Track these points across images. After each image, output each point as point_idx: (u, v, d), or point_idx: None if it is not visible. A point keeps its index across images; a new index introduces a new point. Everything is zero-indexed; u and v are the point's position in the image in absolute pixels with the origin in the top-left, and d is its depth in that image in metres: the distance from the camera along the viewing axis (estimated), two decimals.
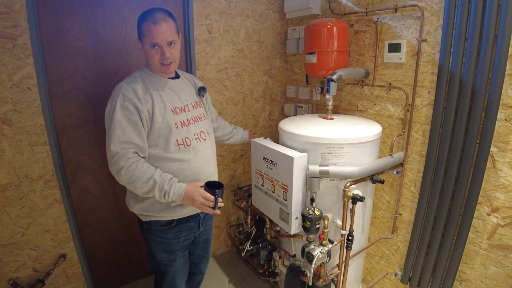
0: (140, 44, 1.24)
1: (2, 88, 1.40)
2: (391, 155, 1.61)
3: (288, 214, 1.51)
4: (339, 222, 1.51)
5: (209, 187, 1.21)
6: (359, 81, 1.83)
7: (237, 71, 2.12)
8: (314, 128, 1.53)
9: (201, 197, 1.19)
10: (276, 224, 1.81)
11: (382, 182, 1.49)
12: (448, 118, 1.39)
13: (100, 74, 1.66)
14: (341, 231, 1.49)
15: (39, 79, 1.46)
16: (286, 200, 1.50)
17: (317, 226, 1.44)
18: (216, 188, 1.20)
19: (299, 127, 1.56)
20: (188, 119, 1.30)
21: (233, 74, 2.10)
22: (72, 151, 1.67)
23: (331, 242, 1.47)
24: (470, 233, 1.44)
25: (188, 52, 1.89)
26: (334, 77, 1.58)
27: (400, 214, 1.74)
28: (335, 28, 1.63)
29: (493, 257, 1.40)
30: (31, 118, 1.49)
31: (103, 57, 1.65)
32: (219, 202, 1.21)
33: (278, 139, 1.69)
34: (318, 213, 1.44)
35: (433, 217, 1.52)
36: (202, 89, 1.45)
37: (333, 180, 1.49)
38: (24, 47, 1.41)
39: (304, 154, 1.44)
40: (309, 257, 1.41)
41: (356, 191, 1.47)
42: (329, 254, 1.45)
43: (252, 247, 2.08)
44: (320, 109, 2.14)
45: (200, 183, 1.23)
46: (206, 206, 1.20)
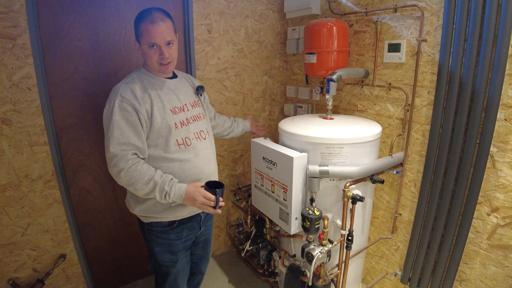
0: (138, 44, 1.22)
1: (2, 88, 1.40)
2: (391, 155, 1.61)
3: (288, 214, 1.51)
4: (339, 222, 1.51)
5: (210, 187, 1.21)
6: (359, 81, 1.83)
7: (237, 71, 2.12)
8: (314, 128, 1.53)
9: (202, 197, 1.18)
10: (276, 224, 1.81)
11: (382, 182, 1.49)
12: (448, 118, 1.39)
13: (100, 74, 1.66)
14: (341, 231, 1.49)
15: (39, 79, 1.46)
16: (286, 200, 1.50)
17: (317, 226, 1.44)
18: (217, 188, 1.20)
19: (299, 127, 1.56)
20: (188, 119, 1.30)
21: (233, 74, 2.10)
22: (72, 151, 1.67)
23: (331, 242, 1.47)
24: (470, 233, 1.44)
25: (188, 52, 1.89)
26: (334, 77, 1.58)
27: (400, 214, 1.74)
28: (335, 28, 1.63)
29: (493, 257, 1.40)
30: (31, 118, 1.49)
31: (103, 57, 1.65)
32: (220, 202, 1.20)
33: (278, 139, 1.69)
34: (318, 213, 1.44)
35: (433, 217, 1.52)
36: (200, 88, 1.44)
37: (333, 180, 1.49)
38: (24, 47, 1.41)
39: (304, 154, 1.44)
40: (309, 257, 1.41)
41: (356, 191, 1.47)
42: (329, 254, 1.46)
43: (252, 247, 2.08)
44: (320, 109, 2.14)
45: (201, 183, 1.23)
46: (207, 206, 1.20)
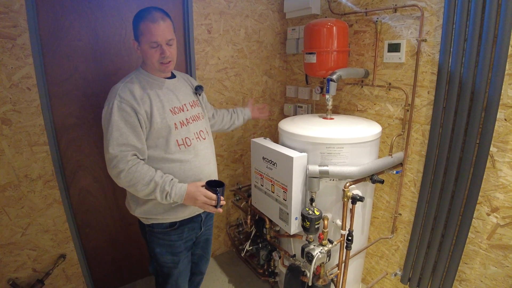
0: (137, 44, 1.21)
1: (2, 88, 1.40)
2: (391, 155, 1.61)
3: (288, 214, 1.51)
4: (339, 222, 1.51)
5: (210, 186, 1.21)
6: (359, 81, 1.83)
7: (237, 71, 2.12)
8: (314, 128, 1.53)
9: (203, 196, 1.18)
10: (276, 224, 1.81)
11: (382, 182, 1.49)
12: (448, 118, 1.39)
13: (100, 74, 1.66)
14: (341, 231, 1.49)
15: (39, 79, 1.46)
16: (286, 200, 1.50)
17: (317, 226, 1.44)
18: (217, 187, 1.20)
19: (299, 127, 1.56)
20: (187, 119, 1.29)
21: (233, 74, 2.10)
22: (72, 151, 1.67)
23: (331, 242, 1.47)
24: (470, 233, 1.44)
25: (188, 52, 1.89)
26: (334, 77, 1.58)
27: (400, 214, 1.74)
28: (335, 28, 1.63)
29: (493, 257, 1.40)
30: (31, 118, 1.49)
31: (103, 57, 1.65)
32: (221, 200, 1.20)
33: (278, 139, 1.69)
34: (318, 213, 1.44)
35: (433, 217, 1.52)
36: (199, 88, 1.43)
37: (333, 180, 1.48)
38: (24, 47, 1.41)
39: (304, 154, 1.44)
40: (309, 257, 1.41)
41: (356, 191, 1.47)
42: (329, 254, 1.45)
43: (252, 247, 2.08)
44: (320, 109, 2.14)
45: (201, 183, 1.23)
46: (209, 205, 1.20)
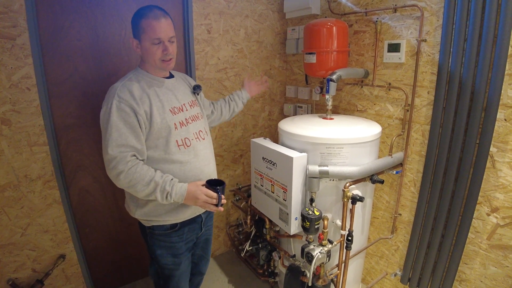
0: (136, 42, 1.19)
1: (1, 88, 1.39)
2: (391, 155, 1.61)
3: (288, 214, 1.51)
4: (339, 222, 1.51)
5: (210, 185, 1.20)
6: (359, 81, 1.83)
7: (237, 71, 2.12)
8: (314, 128, 1.52)
9: (204, 195, 1.18)
10: (276, 224, 1.81)
11: (382, 182, 1.49)
12: (448, 118, 1.39)
13: (100, 74, 1.66)
14: (341, 231, 1.49)
15: (38, 79, 1.46)
16: (286, 200, 1.50)
17: (317, 226, 1.44)
18: (217, 186, 1.20)
19: (299, 127, 1.56)
20: (187, 119, 1.28)
21: (233, 74, 2.10)
22: (71, 151, 1.67)
23: (331, 242, 1.46)
24: (470, 233, 1.44)
25: (188, 52, 1.88)
26: (334, 77, 1.58)
27: (400, 214, 1.74)
28: (335, 28, 1.63)
29: (493, 257, 1.40)
30: (30, 118, 1.49)
31: (103, 57, 1.65)
32: (222, 199, 1.20)
33: (278, 139, 1.69)
34: (318, 213, 1.44)
35: (433, 217, 1.52)
36: (197, 87, 1.42)
37: (333, 180, 1.48)
38: (23, 47, 1.40)
39: (304, 154, 1.44)
40: (309, 257, 1.41)
41: (356, 191, 1.47)
42: (329, 254, 1.45)
43: (252, 247, 2.08)
44: (320, 109, 2.14)
45: (201, 182, 1.23)
46: (209, 204, 1.19)
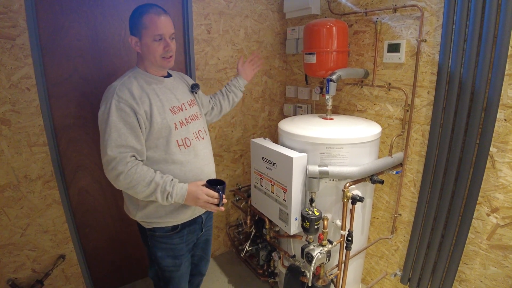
0: (136, 39, 1.17)
1: (1, 89, 1.39)
2: (391, 155, 1.61)
3: (288, 215, 1.51)
4: (339, 223, 1.51)
5: (211, 185, 1.20)
6: (359, 81, 1.83)
7: (237, 72, 2.11)
8: (314, 128, 1.52)
9: (205, 195, 1.17)
10: (276, 225, 1.81)
11: (382, 183, 1.49)
12: (448, 118, 1.39)
13: (99, 74, 1.66)
14: (341, 232, 1.49)
15: (38, 79, 1.46)
16: (286, 201, 1.50)
17: (317, 227, 1.44)
18: (218, 185, 1.19)
19: (299, 127, 1.56)
20: (186, 118, 1.27)
21: (233, 75, 2.10)
22: (71, 152, 1.67)
23: (331, 243, 1.46)
24: (470, 233, 1.44)
25: (187, 52, 1.88)
26: (334, 77, 1.58)
27: (400, 215, 1.74)
28: (335, 28, 1.63)
29: (493, 257, 1.40)
30: (30, 119, 1.49)
31: (102, 57, 1.65)
32: (223, 199, 1.19)
33: (278, 140, 1.69)
34: (318, 214, 1.44)
35: (433, 217, 1.52)
36: (196, 86, 1.40)
37: (333, 181, 1.48)
38: (23, 47, 1.40)
39: (304, 155, 1.44)
40: (309, 258, 1.41)
41: (356, 192, 1.47)
42: (329, 255, 1.45)
43: (252, 248, 2.08)
44: (320, 109, 2.14)
45: (201, 182, 1.22)
46: (211, 204, 1.18)
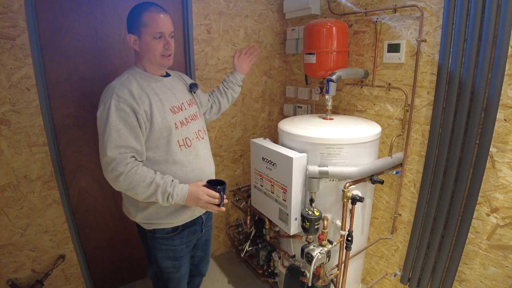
0: (135, 38, 1.15)
1: (1, 89, 1.39)
2: (391, 156, 1.61)
3: (288, 215, 1.51)
4: (339, 223, 1.51)
5: (211, 185, 1.19)
6: (359, 82, 1.83)
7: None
8: (314, 129, 1.52)
9: (206, 195, 1.16)
10: (276, 225, 1.81)
11: (382, 183, 1.49)
12: (448, 119, 1.39)
13: (99, 74, 1.66)
14: (341, 232, 1.49)
15: (38, 80, 1.46)
16: (286, 201, 1.50)
17: (317, 227, 1.44)
18: (218, 185, 1.19)
19: (299, 128, 1.56)
20: (186, 118, 1.26)
21: None
22: (71, 152, 1.67)
23: (331, 243, 1.46)
24: (470, 234, 1.44)
25: (187, 52, 1.88)
26: (334, 78, 1.58)
27: (400, 215, 1.74)
28: (334, 28, 1.63)
29: (493, 258, 1.40)
30: (30, 119, 1.48)
31: (102, 57, 1.65)
32: (224, 199, 1.19)
33: (278, 140, 1.69)
34: (318, 214, 1.44)
35: (433, 218, 1.52)
36: (194, 86, 1.38)
37: (333, 181, 1.48)
38: (23, 47, 1.40)
39: (304, 155, 1.44)
40: (309, 258, 1.41)
41: (356, 192, 1.47)
42: (329, 255, 1.45)
43: (252, 248, 2.08)
44: (320, 109, 2.14)
45: (202, 182, 1.21)
46: (212, 204, 1.17)
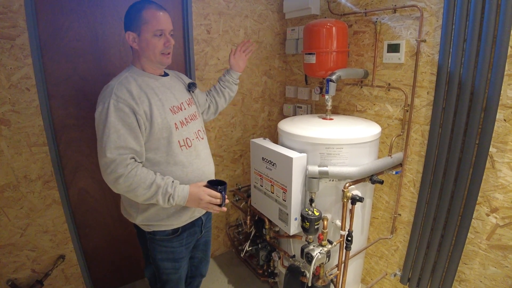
0: (134, 35, 1.13)
1: (1, 89, 1.39)
2: (390, 156, 1.61)
3: (287, 215, 1.51)
4: (338, 223, 1.51)
5: (212, 185, 1.19)
6: (358, 82, 1.83)
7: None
8: (313, 129, 1.52)
9: (208, 196, 1.15)
10: (276, 225, 1.81)
11: (381, 183, 1.49)
12: (447, 119, 1.39)
13: (99, 75, 1.66)
14: (341, 232, 1.49)
15: (38, 80, 1.46)
16: (285, 201, 1.50)
17: (317, 227, 1.44)
18: (219, 186, 1.18)
19: (298, 128, 1.56)
20: (186, 118, 1.25)
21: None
22: (71, 152, 1.67)
23: (331, 243, 1.46)
24: (469, 234, 1.44)
25: (187, 52, 1.88)
26: (333, 78, 1.58)
27: (399, 215, 1.74)
28: (334, 29, 1.63)
29: (492, 257, 1.40)
30: (30, 119, 1.48)
31: (102, 58, 1.65)
32: (225, 199, 1.18)
33: (277, 140, 1.69)
34: (318, 214, 1.44)
35: (432, 218, 1.52)
36: (193, 85, 1.36)
37: (332, 181, 1.48)
38: (23, 48, 1.40)
39: (303, 155, 1.44)
40: (309, 258, 1.41)
41: (355, 192, 1.47)
42: (329, 255, 1.45)
43: (252, 248, 2.08)
44: (319, 110, 2.14)
45: (202, 183, 1.20)
46: (213, 205, 1.16)
